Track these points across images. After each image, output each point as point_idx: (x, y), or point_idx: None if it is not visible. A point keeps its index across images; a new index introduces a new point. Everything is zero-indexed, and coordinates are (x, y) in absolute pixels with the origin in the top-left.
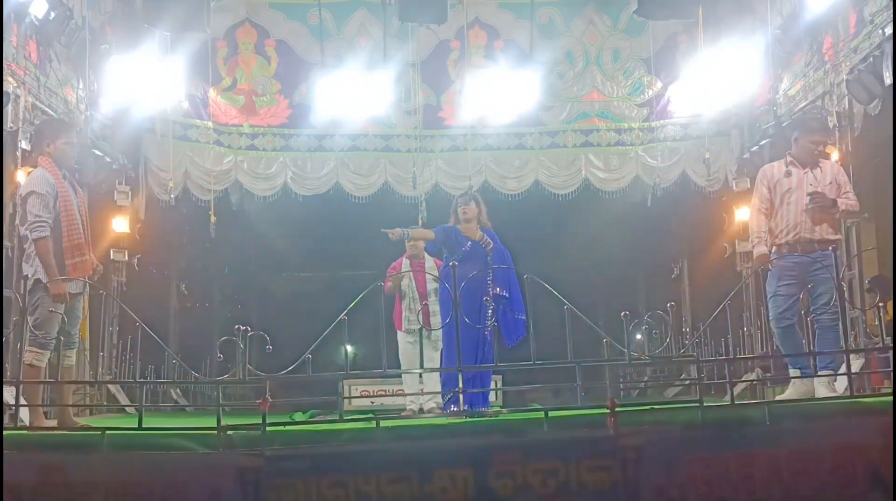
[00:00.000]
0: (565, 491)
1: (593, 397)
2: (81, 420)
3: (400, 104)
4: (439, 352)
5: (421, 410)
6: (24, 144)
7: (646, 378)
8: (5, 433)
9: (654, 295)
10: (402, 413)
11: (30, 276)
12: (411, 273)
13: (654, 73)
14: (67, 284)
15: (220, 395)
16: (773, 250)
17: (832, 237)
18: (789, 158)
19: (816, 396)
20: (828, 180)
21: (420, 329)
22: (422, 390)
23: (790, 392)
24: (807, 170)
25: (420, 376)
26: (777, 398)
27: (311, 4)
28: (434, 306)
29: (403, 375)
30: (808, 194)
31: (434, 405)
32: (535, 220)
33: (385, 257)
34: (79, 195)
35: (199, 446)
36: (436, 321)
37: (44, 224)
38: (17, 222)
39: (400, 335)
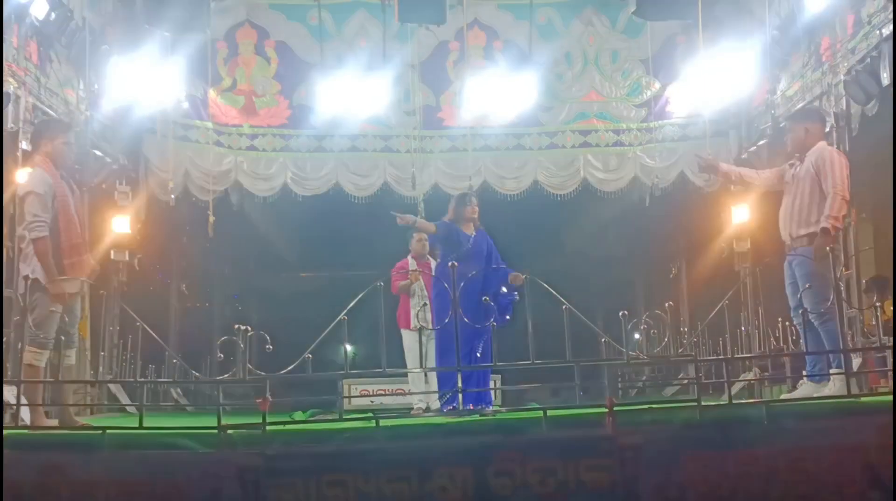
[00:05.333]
0: (564, 490)
1: (592, 396)
2: (82, 420)
3: (399, 105)
4: None
5: (428, 408)
6: (24, 145)
7: (644, 378)
8: (5, 432)
9: (653, 295)
10: (412, 412)
11: (29, 276)
12: (420, 273)
13: (652, 73)
14: (66, 284)
15: (221, 394)
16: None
17: (804, 232)
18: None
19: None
20: (803, 172)
21: (420, 329)
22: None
23: (797, 392)
24: (794, 163)
25: (426, 375)
26: (783, 396)
27: (311, 5)
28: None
29: (409, 374)
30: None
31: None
32: (534, 220)
33: (384, 257)
34: (76, 195)
35: (199, 445)
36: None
37: (42, 224)
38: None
39: (407, 334)
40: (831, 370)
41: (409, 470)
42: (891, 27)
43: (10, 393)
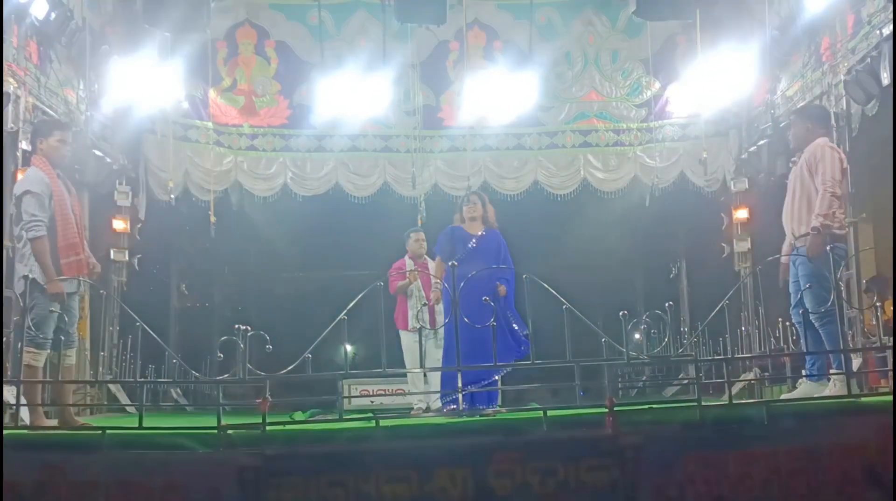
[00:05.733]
0: (564, 491)
1: (592, 396)
2: (82, 420)
3: (399, 105)
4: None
5: (428, 408)
6: (24, 145)
7: (644, 378)
8: (5, 432)
9: (653, 295)
10: (412, 412)
11: (27, 276)
12: (418, 273)
13: (652, 73)
14: (63, 283)
15: (221, 394)
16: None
17: (805, 230)
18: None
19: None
20: (799, 169)
21: (420, 329)
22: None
23: (796, 392)
24: (796, 160)
25: (425, 375)
26: (782, 396)
27: (310, 5)
28: (440, 305)
29: (409, 375)
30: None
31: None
32: (534, 220)
33: (384, 256)
34: (72, 194)
35: (199, 445)
36: (441, 320)
37: (40, 223)
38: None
39: (405, 335)
40: (831, 371)
41: (409, 471)
42: (891, 27)
43: (9, 393)
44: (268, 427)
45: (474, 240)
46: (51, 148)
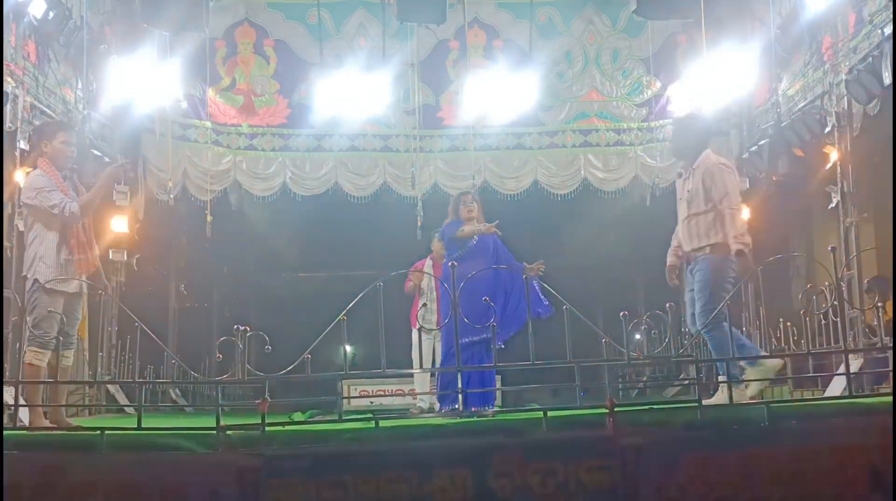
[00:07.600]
0: (564, 491)
1: (592, 397)
2: (79, 421)
3: (399, 104)
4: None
5: (431, 408)
6: (22, 145)
7: (645, 378)
8: (5, 433)
9: (653, 295)
10: (411, 411)
11: (28, 277)
12: (432, 273)
13: (653, 73)
14: (65, 284)
15: (220, 395)
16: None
17: (705, 243)
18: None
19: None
20: (694, 188)
21: (420, 328)
22: (432, 389)
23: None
24: (681, 173)
25: (432, 375)
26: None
27: (310, 4)
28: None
29: (415, 373)
30: None
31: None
32: (534, 220)
33: (384, 256)
34: (80, 195)
35: (198, 446)
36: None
37: (65, 201)
38: (15, 222)
39: (414, 334)
40: (720, 378)
41: (408, 471)
42: (892, 26)
43: (8, 394)
44: (267, 428)
45: (475, 238)
46: (56, 150)
